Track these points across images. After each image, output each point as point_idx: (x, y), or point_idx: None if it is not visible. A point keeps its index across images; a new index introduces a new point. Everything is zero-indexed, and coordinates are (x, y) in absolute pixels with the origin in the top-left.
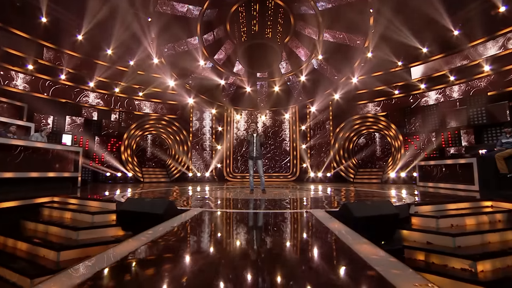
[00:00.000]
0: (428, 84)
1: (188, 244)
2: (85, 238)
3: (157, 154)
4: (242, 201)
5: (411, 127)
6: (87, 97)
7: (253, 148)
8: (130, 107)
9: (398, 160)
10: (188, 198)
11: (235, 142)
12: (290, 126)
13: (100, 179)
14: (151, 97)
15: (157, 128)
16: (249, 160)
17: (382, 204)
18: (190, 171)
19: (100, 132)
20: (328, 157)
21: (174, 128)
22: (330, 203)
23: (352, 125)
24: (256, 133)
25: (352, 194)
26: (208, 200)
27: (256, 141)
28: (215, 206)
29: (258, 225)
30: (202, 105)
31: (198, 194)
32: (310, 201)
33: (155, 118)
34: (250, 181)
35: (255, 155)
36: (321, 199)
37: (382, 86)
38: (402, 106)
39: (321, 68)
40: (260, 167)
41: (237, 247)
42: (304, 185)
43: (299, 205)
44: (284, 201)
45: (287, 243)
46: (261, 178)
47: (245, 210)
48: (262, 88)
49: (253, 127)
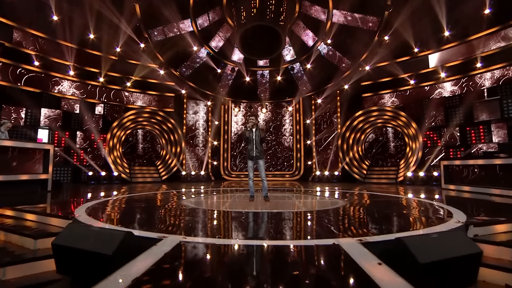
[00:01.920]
0: (449, 72)
1: None
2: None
3: (148, 151)
4: (239, 219)
5: (431, 121)
6: (67, 87)
7: (252, 146)
8: (117, 99)
9: (415, 158)
10: (170, 210)
11: (233, 137)
12: (294, 120)
13: (82, 179)
14: (141, 88)
15: (148, 122)
16: (248, 160)
17: (455, 238)
18: (183, 169)
19: (81, 127)
20: (336, 153)
21: (166, 122)
22: (358, 221)
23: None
24: (256, 127)
25: (378, 205)
26: (195, 215)
27: (255, 138)
28: (202, 230)
29: (262, 273)
30: (197, 97)
31: (186, 201)
32: (329, 217)
33: (145, 111)
34: (250, 185)
35: (255, 154)
36: (342, 212)
37: (397, 75)
38: (419, 97)
39: (329, 55)
40: (262, 169)
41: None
42: (310, 186)
43: (315, 223)
44: (294, 218)
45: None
46: (263, 183)
47: (244, 240)
48: (263, 77)
49: (252, 121)
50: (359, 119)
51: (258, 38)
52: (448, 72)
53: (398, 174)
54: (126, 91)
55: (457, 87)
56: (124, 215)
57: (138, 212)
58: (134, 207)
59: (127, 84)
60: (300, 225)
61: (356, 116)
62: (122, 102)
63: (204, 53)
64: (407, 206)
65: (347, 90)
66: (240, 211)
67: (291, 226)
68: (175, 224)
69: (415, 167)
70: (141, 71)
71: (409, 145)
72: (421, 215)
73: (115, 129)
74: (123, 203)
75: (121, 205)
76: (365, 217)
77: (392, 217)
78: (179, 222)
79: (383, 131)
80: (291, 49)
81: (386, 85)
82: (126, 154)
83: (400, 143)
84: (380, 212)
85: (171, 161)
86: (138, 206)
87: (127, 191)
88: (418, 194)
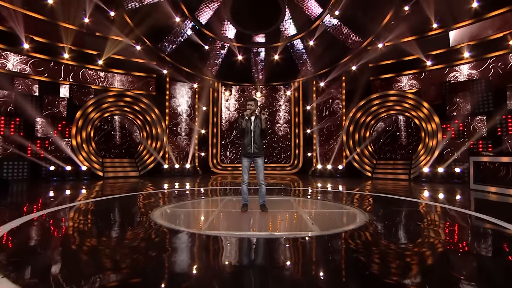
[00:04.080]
0: (474, 51)
1: None
2: None
3: (126, 141)
4: (225, 252)
5: (453, 108)
6: (19, 64)
7: (250, 139)
8: (87, 80)
9: (433, 151)
10: (124, 242)
11: (223, 125)
12: (292, 106)
13: (42, 176)
14: (116, 67)
15: (124, 108)
16: (243, 159)
17: None
18: (166, 162)
19: (41, 112)
20: (339, 144)
21: (146, 107)
22: (402, 261)
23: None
24: (255, 115)
25: (421, 227)
26: (161, 249)
27: (255, 129)
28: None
29: None
30: (181, 79)
31: (158, 213)
32: (360, 252)
33: (121, 94)
34: (243, 192)
35: (253, 151)
36: (374, 241)
37: (411, 55)
38: (436, 81)
39: (337, 30)
40: (261, 170)
41: None
42: (311, 183)
43: (345, 273)
44: (304, 245)
45: None
46: (261, 188)
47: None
48: (258, 56)
49: (250, 107)
50: (372, 103)
51: (253, 8)
52: (473, 51)
53: (411, 169)
54: (97, 70)
55: (476, 71)
56: (36, 257)
57: (66, 249)
58: (72, 231)
59: (99, 63)
60: (315, 254)
61: (365, 102)
62: (93, 83)
63: (188, 26)
64: (480, 233)
65: (355, 72)
66: (226, 235)
67: (311, 280)
68: (119, 265)
69: (432, 162)
70: (114, 47)
71: (425, 136)
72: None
73: (84, 115)
74: (61, 221)
75: (57, 226)
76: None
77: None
78: (130, 254)
79: (392, 119)
80: (291, 23)
81: (398, 67)
82: (99, 144)
83: (412, 133)
84: (445, 253)
85: (152, 153)
86: (80, 230)
87: (88, 194)
88: (450, 199)
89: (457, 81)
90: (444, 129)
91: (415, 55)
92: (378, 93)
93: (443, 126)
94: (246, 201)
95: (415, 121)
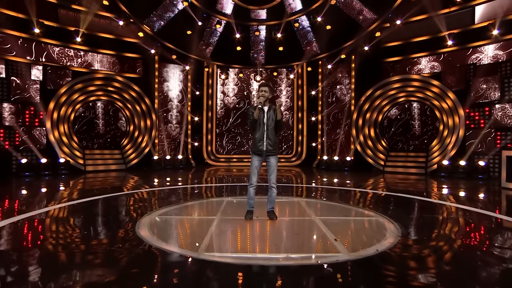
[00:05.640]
0: (503, 29)
1: None
2: None
3: (111, 129)
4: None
5: (478, 95)
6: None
7: (262, 133)
8: (64, 60)
9: (454, 142)
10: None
11: (219, 112)
12: (295, 91)
13: (12, 170)
14: (97, 46)
15: (108, 92)
16: (253, 156)
17: None
18: (156, 153)
19: (9, 97)
20: (348, 134)
21: (132, 91)
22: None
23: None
24: (269, 105)
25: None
26: (148, 271)
27: (268, 121)
28: None
29: None
30: (172, 60)
31: (146, 224)
32: (399, 280)
33: (104, 77)
34: (250, 195)
35: (267, 147)
36: (409, 257)
37: (428, 35)
38: (459, 63)
39: (347, 5)
40: (274, 171)
41: None
42: (318, 177)
43: None
44: (332, 279)
45: None
46: (271, 192)
47: None
48: (258, 35)
49: (264, 94)
50: (390, 86)
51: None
52: (502, 30)
53: (428, 162)
54: (75, 49)
55: (503, 52)
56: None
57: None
58: (18, 263)
59: (77, 40)
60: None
61: (378, 86)
62: (71, 64)
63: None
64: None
65: (368, 53)
66: (228, 263)
67: None
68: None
69: (453, 154)
70: (92, 20)
71: (445, 125)
72: None
73: (60, 99)
74: (10, 241)
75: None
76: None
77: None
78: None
79: (405, 106)
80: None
81: (414, 48)
82: (80, 133)
83: (427, 121)
84: None
85: (140, 143)
86: (37, 256)
87: (62, 195)
88: (495, 203)
89: (480, 63)
90: (468, 118)
91: (430, 35)
92: (393, 77)
93: (467, 114)
94: (251, 207)
95: (435, 112)
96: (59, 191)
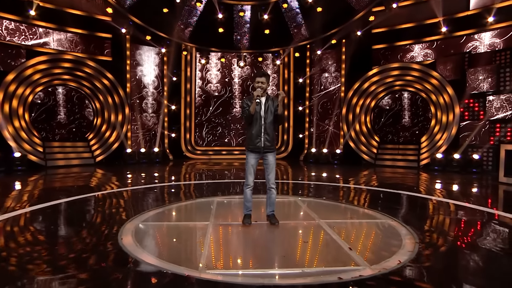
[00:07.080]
0: (499, 16)
1: None
2: None
3: (76, 119)
4: None
5: (474, 84)
6: None
7: (260, 128)
8: (15, 37)
9: (447, 134)
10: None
11: (198, 100)
12: (281, 78)
13: None
14: (56, 22)
15: (71, 76)
16: (248, 154)
17: None
18: (128, 146)
19: None
20: (337, 125)
21: (100, 76)
22: None
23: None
24: (266, 96)
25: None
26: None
27: (267, 114)
28: None
29: None
30: (146, 41)
31: (129, 236)
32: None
33: (66, 58)
34: (246, 198)
35: (264, 144)
36: (435, 270)
37: (421, 21)
38: (453, 51)
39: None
40: (272, 169)
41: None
42: (307, 172)
43: None
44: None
45: None
46: (271, 193)
47: None
48: (242, 16)
49: (261, 85)
50: (374, 79)
51: None
52: (497, 16)
53: (420, 155)
54: (29, 25)
55: (500, 40)
56: None
57: None
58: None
59: (31, 13)
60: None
61: (369, 75)
62: (25, 42)
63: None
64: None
65: (360, 38)
66: (239, 285)
67: None
68: None
69: (446, 147)
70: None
71: (437, 116)
72: None
73: (12, 84)
74: None
75: None
76: None
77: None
78: None
79: (395, 96)
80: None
81: (406, 34)
82: (38, 122)
83: (418, 112)
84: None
85: (110, 134)
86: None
87: (18, 198)
88: (499, 199)
89: (476, 52)
90: (462, 107)
91: (428, 20)
92: (392, 64)
93: (461, 109)
94: (249, 210)
95: (421, 94)
96: (13, 193)
